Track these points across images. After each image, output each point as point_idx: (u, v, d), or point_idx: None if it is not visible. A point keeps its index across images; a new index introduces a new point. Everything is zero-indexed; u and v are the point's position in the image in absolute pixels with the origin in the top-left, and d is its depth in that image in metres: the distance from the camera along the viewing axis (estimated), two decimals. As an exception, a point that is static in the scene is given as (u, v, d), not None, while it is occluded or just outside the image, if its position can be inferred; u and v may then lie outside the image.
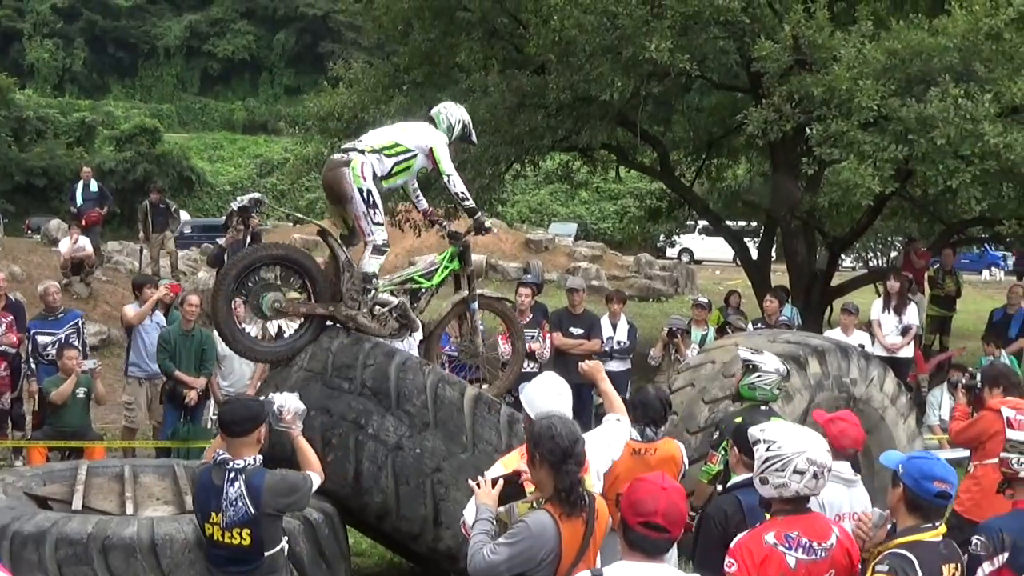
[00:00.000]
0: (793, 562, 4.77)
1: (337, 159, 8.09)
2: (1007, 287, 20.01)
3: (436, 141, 8.26)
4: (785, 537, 4.80)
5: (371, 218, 7.90)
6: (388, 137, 8.23)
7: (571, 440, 4.83)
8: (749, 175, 23.38)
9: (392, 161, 8.10)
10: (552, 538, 4.76)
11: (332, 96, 18.78)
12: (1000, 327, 15.74)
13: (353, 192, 7.86)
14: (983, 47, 12.52)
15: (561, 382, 5.99)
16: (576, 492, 4.79)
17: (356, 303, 7.91)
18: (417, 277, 8.48)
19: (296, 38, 68.87)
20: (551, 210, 50.89)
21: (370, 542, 9.19)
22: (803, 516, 4.92)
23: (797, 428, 5.35)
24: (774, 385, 7.49)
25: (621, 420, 6.40)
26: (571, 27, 13.97)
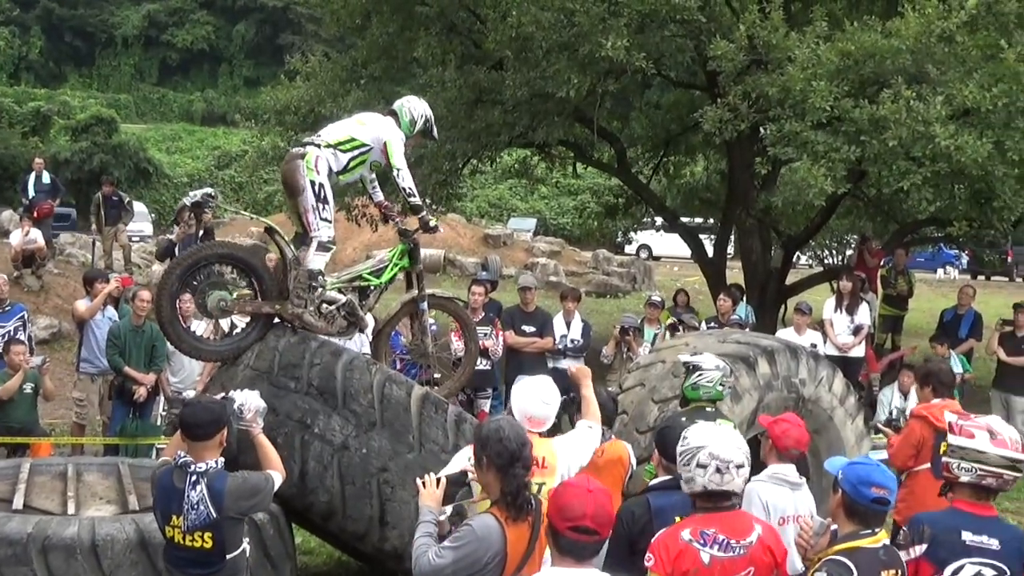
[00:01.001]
0: (707, 558, 4.83)
1: (294, 152, 8.06)
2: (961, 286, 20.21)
3: (391, 135, 8.22)
4: (701, 533, 4.86)
5: (319, 212, 7.85)
6: (344, 132, 8.20)
7: (519, 443, 4.83)
8: (706, 172, 23.47)
9: (347, 156, 8.09)
10: (497, 541, 4.75)
11: (289, 90, 18.68)
12: (950, 327, 15.90)
13: (305, 184, 7.82)
14: (935, 50, 12.60)
15: (551, 390, 6.02)
16: (522, 496, 4.79)
17: (303, 301, 7.83)
18: (366, 275, 8.41)
19: (256, 29, 68.40)
20: (510, 205, 50.87)
21: (319, 541, 9.15)
22: (723, 513, 4.97)
23: (711, 426, 5.41)
24: (716, 382, 7.52)
25: (593, 427, 6.43)
26: (528, 23, 13.95)
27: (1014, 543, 5.08)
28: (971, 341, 15.75)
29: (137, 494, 7.40)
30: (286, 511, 7.05)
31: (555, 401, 5.99)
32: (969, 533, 5.05)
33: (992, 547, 5.03)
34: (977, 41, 12.62)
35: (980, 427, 5.22)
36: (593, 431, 6.39)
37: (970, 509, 5.15)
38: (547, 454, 5.95)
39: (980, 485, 5.12)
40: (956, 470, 5.17)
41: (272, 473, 5.83)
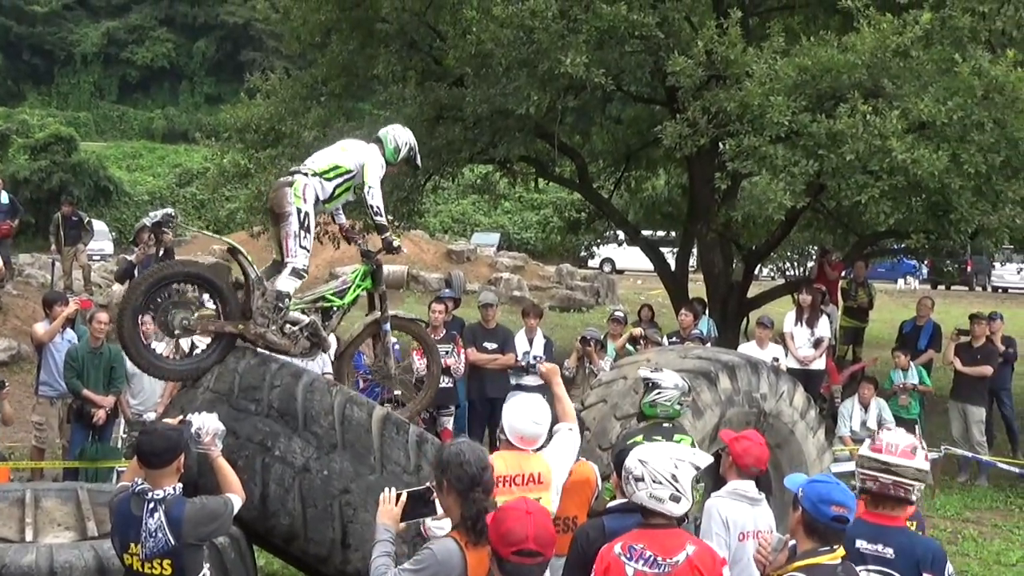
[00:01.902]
0: (631, 572, 4.89)
1: (282, 180, 8.09)
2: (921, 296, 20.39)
3: (369, 157, 8.29)
4: (629, 548, 4.94)
5: (299, 239, 7.89)
6: (328, 160, 8.24)
7: (479, 468, 4.84)
8: (668, 187, 23.58)
9: (332, 184, 8.15)
10: (457, 566, 4.75)
11: (249, 107, 18.65)
12: (910, 339, 16.05)
13: (291, 211, 7.86)
14: (891, 64, 12.72)
15: (543, 410, 6.05)
16: (483, 521, 4.77)
17: (267, 320, 7.82)
18: (329, 296, 8.39)
19: (216, 46, 68.12)
20: (473, 220, 50.87)
21: (281, 563, 9.07)
22: (656, 531, 5.01)
23: (662, 444, 5.51)
24: (674, 401, 7.56)
25: (573, 429, 6.48)
26: (488, 40, 14.00)
27: (910, 552, 5.15)
28: (930, 352, 15.90)
29: (96, 520, 7.33)
30: (248, 534, 6.99)
31: (546, 421, 6.04)
32: (864, 541, 5.17)
33: (886, 555, 5.14)
34: (932, 55, 12.74)
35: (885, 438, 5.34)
36: (573, 432, 6.46)
37: (871, 519, 5.25)
38: (542, 469, 5.98)
39: (867, 490, 5.26)
40: (854, 480, 5.35)
41: (231, 497, 5.79)
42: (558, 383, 6.86)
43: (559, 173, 20.31)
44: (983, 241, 14.31)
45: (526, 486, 5.89)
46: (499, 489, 5.61)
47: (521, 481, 5.89)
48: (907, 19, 12.75)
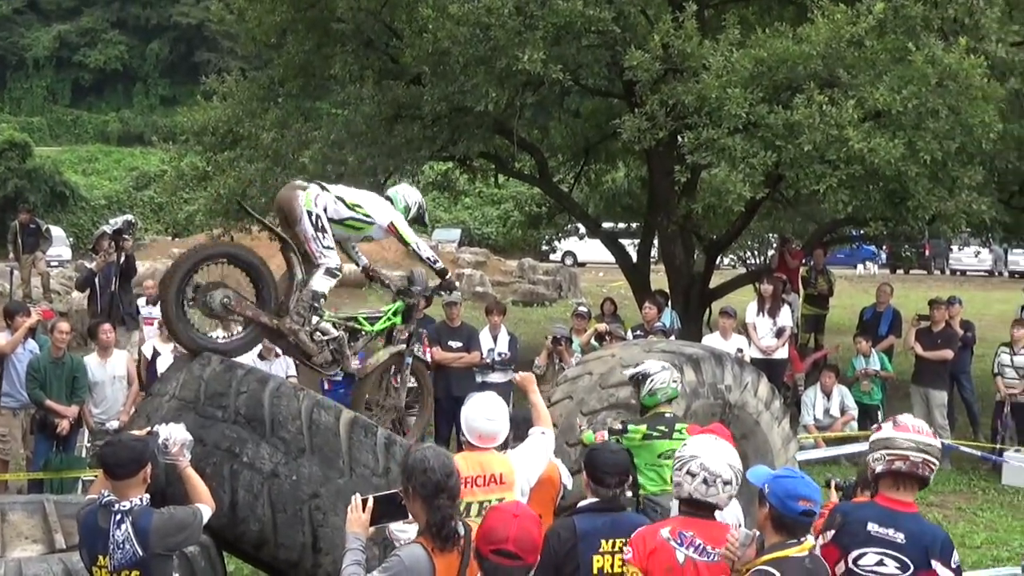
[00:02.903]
0: (682, 558, 5.05)
1: (295, 183, 8.33)
2: (880, 281, 20.57)
3: (395, 217, 8.51)
4: (679, 534, 5.10)
5: (320, 241, 8.09)
6: (356, 196, 8.46)
7: (444, 474, 4.83)
8: (627, 179, 23.64)
9: (349, 213, 8.29)
10: (425, 571, 4.75)
11: (206, 110, 18.55)
12: (870, 325, 16.19)
13: (302, 213, 8.03)
14: (845, 54, 12.81)
15: (496, 406, 6.08)
16: (448, 527, 4.78)
17: (302, 319, 8.08)
18: (361, 319, 8.69)
19: (170, 47, 67.62)
20: (434, 216, 50.64)
21: (251, 569, 9.04)
22: (703, 520, 5.17)
23: (712, 439, 5.51)
24: (669, 382, 7.87)
25: (546, 433, 6.51)
26: (445, 38, 13.97)
27: (920, 538, 5.15)
28: (891, 338, 16.05)
29: (63, 532, 7.28)
30: (217, 541, 6.97)
31: (500, 416, 6.05)
32: (875, 524, 5.17)
33: (897, 540, 5.13)
34: (885, 44, 12.85)
35: (887, 421, 5.40)
36: (546, 436, 6.51)
37: (886, 503, 5.24)
38: (504, 469, 5.99)
39: (891, 471, 5.21)
40: (873, 463, 5.30)
41: (200, 506, 5.77)
42: (533, 391, 6.91)
43: (519, 168, 20.35)
44: (940, 227, 14.43)
45: (487, 487, 5.91)
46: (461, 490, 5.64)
47: (483, 482, 5.90)
48: (860, 9, 12.85)
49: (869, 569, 5.13)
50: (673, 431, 7.67)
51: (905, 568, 5.10)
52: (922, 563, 5.10)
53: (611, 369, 9.14)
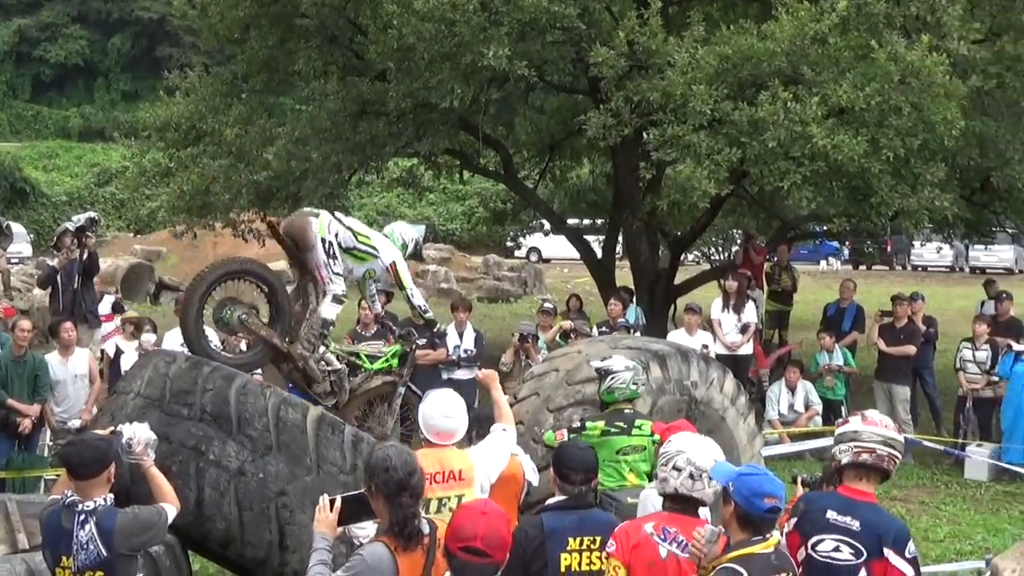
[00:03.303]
0: (664, 553, 5.10)
1: (306, 211, 8.64)
2: (843, 277, 20.70)
3: (397, 257, 8.79)
4: (663, 529, 5.15)
5: (331, 268, 8.34)
6: (362, 228, 8.75)
7: (406, 472, 4.81)
8: (592, 175, 23.69)
9: (358, 244, 8.56)
10: (388, 570, 4.74)
11: (169, 106, 18.42)
12: (834, 321, 16.29)
13: (316, 241, 8.28)
14: (809, 51, 12.87)
15: (452, 402, 6.08)
16: (411, 526, 4.77)
17: (311, 347, 8.40)
18: (363, 355, 8.98)
19: (132, 42, 67.03)
20: (398, 213, 50.49)
21: (217, 568, 8.99)
22: (687, 517, 5.20)
23: (697, 436, 5.60)
24: (629, 382, 7.82)
25: (508, 430, 6.53)
26: (409, 34, 13.93)
27: (875, 527, 5.36)
28: (854, 334, 16.15)
29: (26, 532, 7.21)
30: (183, 540, 6.92)
31: (457, 413, 6.04)
32: (834, 512, 5.39)
33: (852, 527, 5.34)
34: (849, 42, 12.92)
35: (855, 415, 5.63)
36: (508, 433, 6.54)
37: (847, 493, 5.46)
38: (463, 466, 5.98)
39: (857, 463, 5.43)
40: (838, 455, 5.53)
41: (165, 506, 5.73)
42: (496, 387, 6.97)
43: (484, 165, 20.36)
44: (903, 223, 14.54)
45: (447, 483, 5.91)
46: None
47: (442, 478, 5.90)
48: (824, 6, 12.93)
49: (825, 555, 5.34)
50: (632, 427, 7.68)
51: (859, 554, 5.30)
52: (875, 550, 5.29)
53: (578, 366, 9.12)
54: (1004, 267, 41.78)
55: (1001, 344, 14.38)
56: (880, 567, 5.30)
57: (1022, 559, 6.43)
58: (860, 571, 5.32)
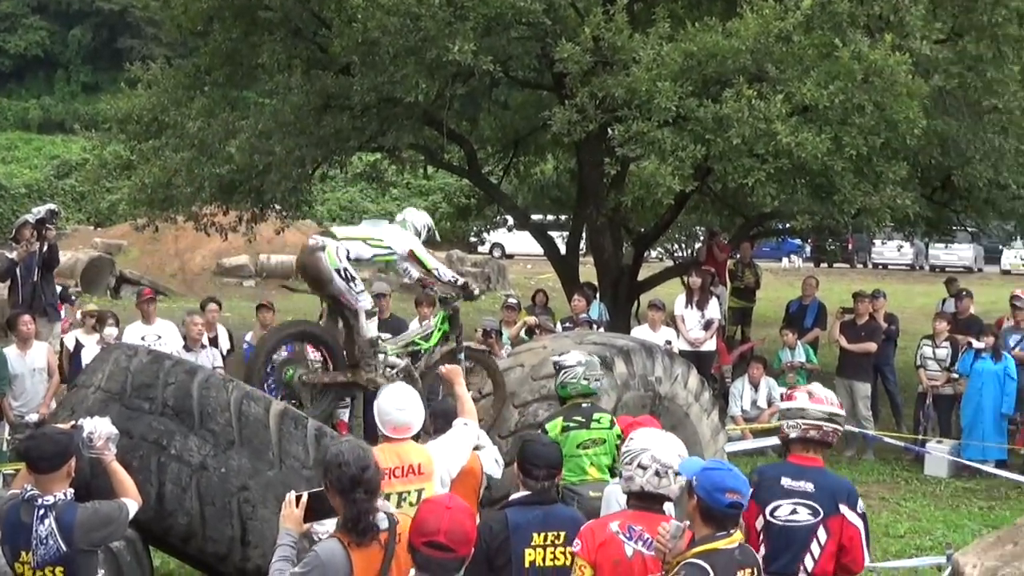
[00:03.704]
0: (630, 551, 5.11)
1: (312, 245, 8.72)
2: (805, 274, 20.81)
3: (414, 244, 9.11)
4: (628, 528, 5.17)
5: (353, 291, 8.68)
6: (373, 231, 9.10)
7: (359, 467, 4.79)
8: (556, 171, 23.69)
9: (373, 251, 8.89)
10: (342, 566, 4.74)
11: (130, 98, 18.25)
12: (796, 318, 16.39)
13: (331, 275, 8.57)
14: (774, 49, 12.92)
15: (406, 396, 6.07)
16: (364, 521, 4.76)
17: (372, 366, 8.80)
18: (417, 340, 9.39)
19: (93, 34, 66.37)
20: (361, 208, 50.36)
21: (177, 563, 8.93)
22: (652, 514, 5.21)
23: (659, 432, 5.62)
24: (580, 377, 7.84)
25: (469, 424, 6.52)
26: (374, 28, 13.85)
27: (827, 487, 5.78)
28: (816, 331, 16.25)
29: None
30: (144, 535, 6.86)
31: (411, 405, 6.02)
32: (788, 479, 5.79)
33: (807, 489, 5.73)
34: (813, 40, 12.97)
35: (801, 391, 6.03)
36: (469, 427, 6.54)
37: (797, 461, 5.87)
38: (422, 460, 5.96)
39: (805, 438, 5.83)
40: (787, 429, 5.93)
41: (126, 501, 5.67)
42: (459, 383, 7.00)
43: (448, 160, 20.32)
44: (866, 221, 14.63)
45: (406, 477, 5.90)
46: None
47: (401, 473, 5.89)
48: (788, 4, 12.98)
49: (784, 518, 5.73)
50: (591, 421, 7.69)
51: (816, 514, 5.70)
52: (831, 509, 5.71)
53: (542, 361, 9.14)
54: (964, 265, 42.20)
55: (961, 342, 14.52)
56: (836, 523, 5.71)
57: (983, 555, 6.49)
58: (819, 529, 5.71)
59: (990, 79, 13.71)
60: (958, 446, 13.90)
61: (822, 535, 5.71)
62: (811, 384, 6.21)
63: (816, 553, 5.71)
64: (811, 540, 5.71)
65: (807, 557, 5.71)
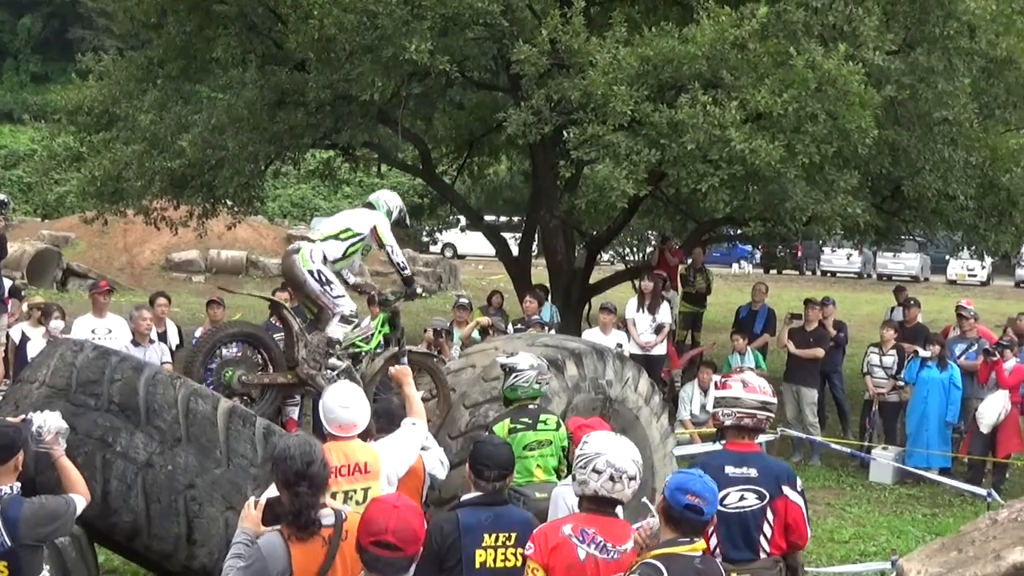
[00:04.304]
0: (583, 555, 5.13)
1: (290, 249, 9.11)
2: (755, 280, 20.95)
3: (378, 219, 9.28)
4: (582, 531, 5.18)
5: (329, 294, 8.90)
6: (340, 223, 9.24)
7: (304, 462, 4.80)
8: (510, 173, 23.70)
9: (345, 244, 9.06)
10: (281, 559, 4.75)
11: (81, 89, 18.08)
12: (746, 323, 16.48)
13: (305, 276, 8.85)
14: (729, 56, 12.98)
15: (351, 394, 6.03)
16: (306, 516, 4.77)
17: (318, 365, 8.88)
18: (358, 342, 9.36)
19: (43, 23, 65.56)
20: (313, 205, 50.12)
21: (122, 559, 8.84)
22: (605, 518, 5.23)
23: (613, 436, 5.58)
24: (532, 380, 7.84)
25: (418, 424, 6.48)
26: (331, 25, 13.78)
27: (769, 471, 6.13)
28: (765, 336, 16.35)
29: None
30: (89, 532, 6.78)
31: (356, 403, 5.97)
32: (731, 467, 6.07)
33: (751, 475, 6.05)
34: (768, 48, 13.05)
35: (735, 380, 6.28)
36: (418, 427, 6.51)
37: (736, 448, 6.16)
38: (369, 458, 5.93)
39: (739, 425, 6.15)
40: (721, 417, 6.23)
41: (74, 497, 5.61)
42: (408, 383, 6.95)
43: (402, 159, 20.28)
44: (816, 228, 14.75)
45: (352, 476, 5.86)
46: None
47: (347, 471, 5.85)
48: (744, 12, 13.04)
49: (733, 506, 6.02)
50: (537, 423, 7.69)
51: (762, 498, 6.03)
52: (775, 491, 6.04)
53: (494, 362, 9.11)
54: (911, 275, 42.69)
55: (908, 350, 14.66)
56: (782, 504, 6.05)
57: (927, 561, 6.55)
58: (767, 511, 6.04)
59: (941, 91, 13.88)
60: (903, 453, 14.04)
61: (770, 516, 6.05)
62: (744, 372, 6.51)
63: (768, 534, 6.07)
64: (762, 523, 6.05)
65: (761, 538, 6.06)
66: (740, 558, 6.01)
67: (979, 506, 11.95)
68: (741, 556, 6.03)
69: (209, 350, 8.66)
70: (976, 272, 43.22)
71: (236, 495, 6.91)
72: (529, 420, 7.70)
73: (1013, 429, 13.60)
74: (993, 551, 6.31)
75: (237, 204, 18.26)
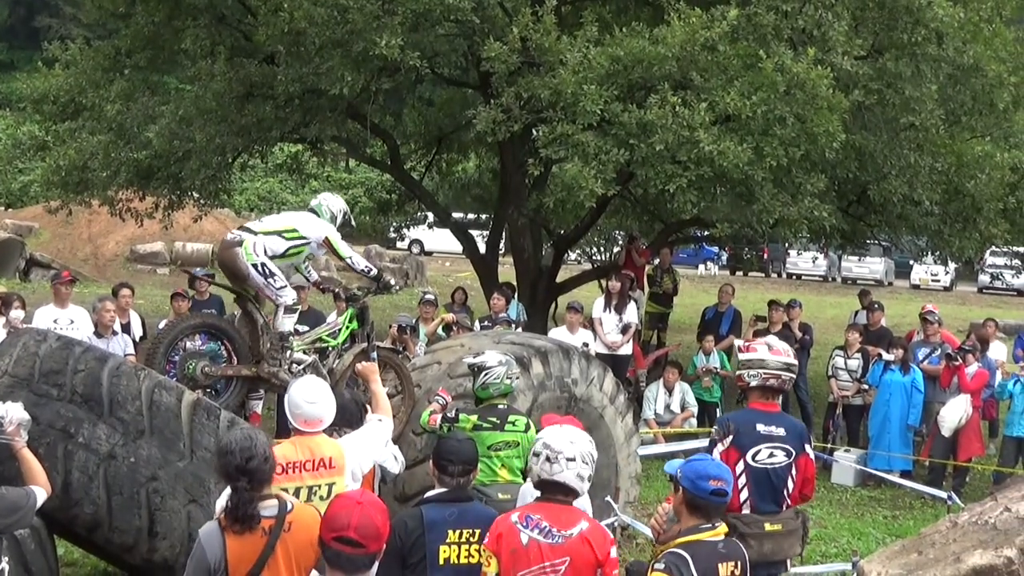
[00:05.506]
0: (526, 539, 5.17)
1: (230, 240, 8.94)
2: (721, 282, 21.03)
3: (329, 231, 9.13)
4: (526, 517, 5.25)
5: (271, 287, 8.83)
6: (286, 222, 9.20)
7: (244, 457, 4.82)
8: (479, 170, 23.68)
9: (287, 244, 8.95)
10: (216, 548, 4.80)
11: (47, 78, 17.91)
12: (712, 325, 16.54)
13: (248, 269, 8.76)
14: (699, 58, 13.01)
15: (316, 389, 6.01)
16: (243, 510, 4.78)
17: (277, 361, 8.88)
18: (324, 337, 9.47)
19: (9, 11, 64.92)
20: (280, 199, 49.83)
21: (82, 552, 8.77)
22: (552, 504, 5.29)
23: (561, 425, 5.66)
24: (503, 376, 7.89)
25: (383, 420, 6.47)
26: (301, 19, 13.72)
27: (794, 430, 6.71)
28: (731, 338, 16.41)
29: None
30: (49, 524, 6.72)
31: (322, 400, 5.96)
32: (762, 425, 6.61)
33: (779, 434, 6.60)
34: (738, 51, 13.10)
35: (760, 343, 6.80)
36: (384, 424, 6.51)
37: (761, 407, 6.69)
38: (334, 453, 5.91)
39: (765, 386, 6.64)
40: (747, 378, 6.70)
41: (34, 489, 5.57)
42: (375, 380, 6.96)
43: (370, 154, 20.21)
44: (783, 231, 14.82)
45: (316, 471, 5.86)
46: (289, 475, 5.65)
47: (311, 467, 5.85)
48: (715, 14, 13.08)
49: (764, 462, 6.55)
50: (505, 423, 7.69)
51: (789, 455, 6.60)
52: (800, 449, 6.66)
53: (460, 359, 9.12)
54: (875, 279, 42.91)
55: (872, 353, 14.75)
56: (803, 461, 6.70)
57: (888, 563, 6.61)
58: (791, 468, 6.61)
59: (908, 96, 13.95)
60: (865, 456, 14.14)
61: (794, 472, 6.64)
62: (768, 336, 7.21)
63: (791, 488, 6.65)
64: (787, 478, 6.61)
65: (784, 492, 6.60)
66: (768, 510, 6.55)
67: (940, 509, 12.04)
68: (768, 508, 6.56)
69: (171, 341, 8.63)
70: (940, 277, 43.49)
71: (199, 488, 6.89)
72: (497, 420, 7.70)
73: (974, 433, 13.72)
74: (953, 553, 6.37)
75: (204, 197, 18.14)
